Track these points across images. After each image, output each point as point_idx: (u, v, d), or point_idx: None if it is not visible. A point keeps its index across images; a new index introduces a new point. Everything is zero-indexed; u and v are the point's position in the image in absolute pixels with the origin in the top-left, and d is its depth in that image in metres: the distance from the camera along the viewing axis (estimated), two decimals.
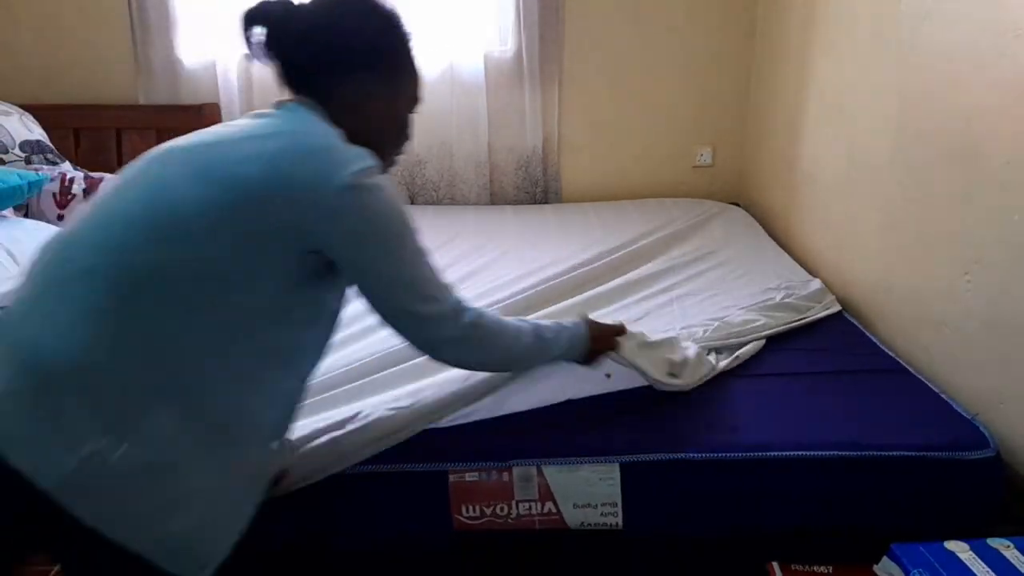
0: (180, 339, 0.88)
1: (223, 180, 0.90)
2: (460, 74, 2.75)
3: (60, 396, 0.84)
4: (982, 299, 1.46)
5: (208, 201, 0.89)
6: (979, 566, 1.03)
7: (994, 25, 1.42)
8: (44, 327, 0.87)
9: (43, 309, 0.88)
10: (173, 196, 0.90)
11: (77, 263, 0.89)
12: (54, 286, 0.89)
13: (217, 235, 0.89)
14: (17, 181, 2.13)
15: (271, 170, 0.91)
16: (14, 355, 0.86)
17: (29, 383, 0.84)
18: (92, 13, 2.72)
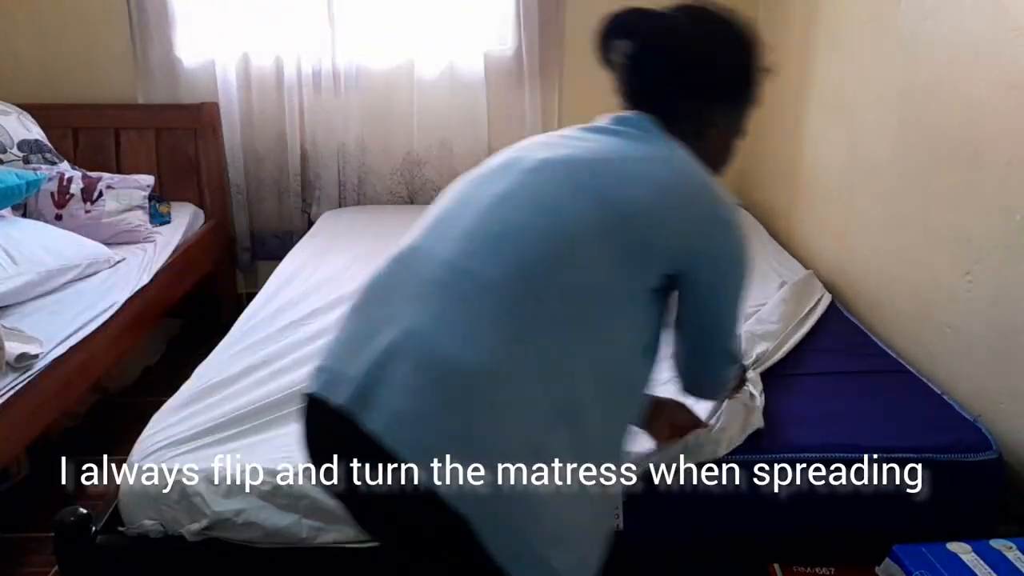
0: (573, 360, 0.86)
1: (615, 201, 0.90)
2: (460, 73, 2.75)
3: (473, 412, 0.81)
4: (983, 299, 1.46)
5: (600, 221, 0.89)
6: (981, 567, 1.03)
7: (995, 25, 1.42)
8: (453, 338, 0.84)
9: (444, 318, 0.85)
10: (565, 214, 0.90)
11: (472, 275, 0.87)
12: (456, 299, 0.86)
13: (604, 255, 0.88)
14: (15, 181, 2.12)
15: (662, 196, 0.92)
16: (424, 364, 0.83)
17: (443, 394, 0.81)
18: (91, 12, 2.71)
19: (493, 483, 0.78)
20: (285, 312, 1.87)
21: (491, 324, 0.84)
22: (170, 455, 1.29)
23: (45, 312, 1.91)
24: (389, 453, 0.79)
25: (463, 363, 0.82)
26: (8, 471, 1.95)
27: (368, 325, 0.90)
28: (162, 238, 2.47)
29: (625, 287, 0.90)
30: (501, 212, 0.92)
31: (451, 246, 0.91)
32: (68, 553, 1.23)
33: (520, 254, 0.87)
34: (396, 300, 0.90)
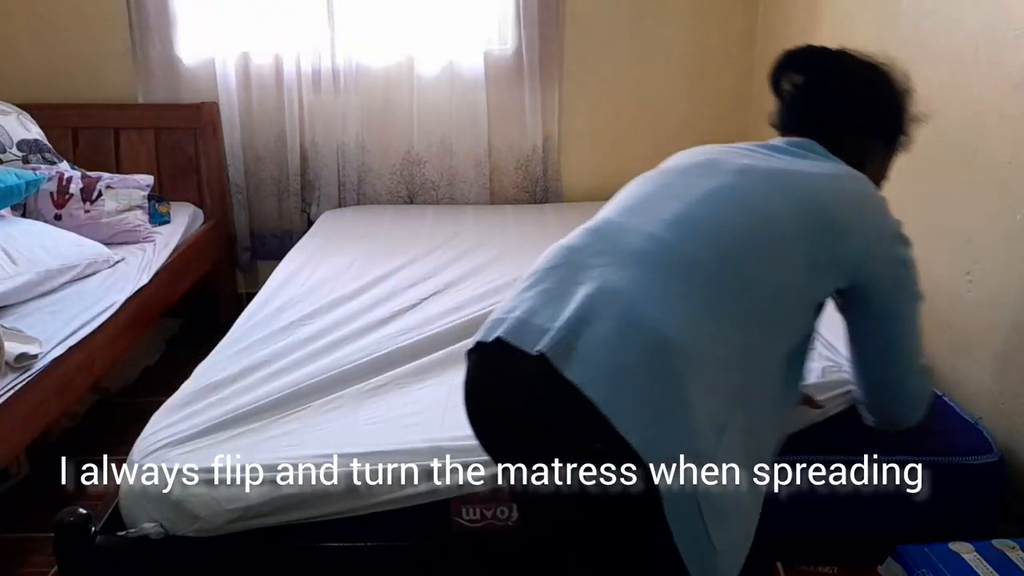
0: (753, 349, 0.92)
1: (812, 209, 0.97)
2: (460, 72, 2.75)
3: (674, 383, 0.85)
4: (983, 299, 1.46)
5: (798, 225, 0.95)
6: (983, 567, 1.03)
7: (995, 25, 1.42)
8: (655, 305, 0.88)
9: (647, 285, 0.90)
10: (770, 215, 0.96)
11: (679, 251, 0.93)
12: (660, 269, 0.92)
13: (798, 257, 0.95)
14: (15, 180, 2.12)
15: (852, 209, 0.99)
16: (628, 324, 0.87)
17: (646, 359, 0.85)
18: (90, 12, 2.71)
19: (686, 455, 0.82)
20: (285, 312, 1.87)
21: (692, 299, 0.90)
22: (170, 454, 1.28)
23: (45, 312, 1.90)
24: (585, 403, 0.82)
25: (667, 332, 0.86)
26: (8, 471, 1.95)
27: (563, 282, 0.94)
28: (162, 238, 2.47)
29: (807, 291, 0.97)
30: (711, 205, 0.97)
31: (658, 225, 0.96)
32: (68, 553, 1.23)
33: (726, 243, 0.94)
34: (594, 263, 0.95)
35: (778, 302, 0.94)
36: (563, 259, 0.99)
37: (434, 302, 1.93)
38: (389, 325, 1.78)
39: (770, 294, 0.93)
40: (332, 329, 1.75)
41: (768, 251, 0.94)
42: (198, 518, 1.22)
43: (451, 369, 1.53)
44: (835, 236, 0.96)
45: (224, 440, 1.33)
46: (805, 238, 0.95)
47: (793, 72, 1.12)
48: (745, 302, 0.92)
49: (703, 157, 1.07)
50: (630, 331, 0.86)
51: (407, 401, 1.45)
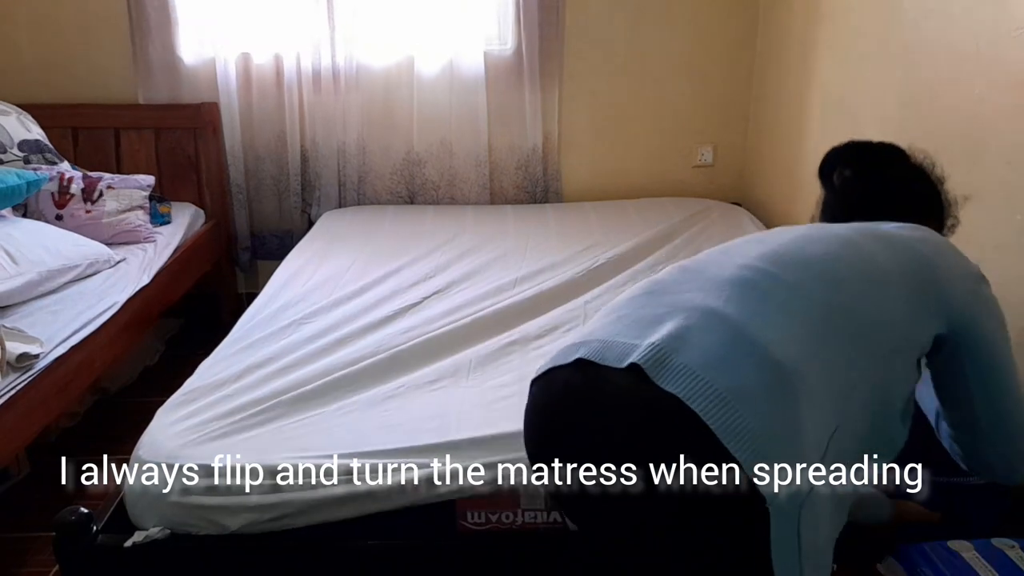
0: (855, 382, 0.90)
1: (906, 249, 1.01)
2: (460, 72, 2.75)
3: (796, 406, 0.83)
4: None
5: (895, 261, 0.99)
6: (983, 566, 1.03)
7: (995, 24, 1.42)
8: (760, 322, 0.88)
9: (746, 305, 0.90)
10: (867, 252, 0.99)
11: (778, 277, 0.94)
12: (760, 291, 0.92)
13: (902, 293, 0.96)
14: (16, 181, 2.12)
15: (937, 251, 1.04)
16: (733, 337, 0.86)
17: (769, 382, 0.83)
18: (91, 12, 2.71)
19: (795, 477, 0.80)
20: (287, 311, 1.87)
21: (799, 322, 0.89)
22: (175, 453, 1.28)
23: (45, 312, 1.91)
24: (680, 415, 0.80)
25: (780, 354, 0.84)
26: (8, 471, 1.95)
27: (648, 307, 0.94)
28: (162, 238, 2.47)
29: (910, 335, 0.96)
30: (806, 242, 1.00)
31: (751, 258, 0.96)
32: (68, 553, 1.23)
33: (828, 270, 0.95)
34: (683, 290, 0.94)
35: (882, 338, 0.93)
36: (646, 291, 0.98)
37: (435, 302, 1.93)
38: (390, 325, 1.79)
39: (874, 326, 0.92)
40: (334, 329, 1.75)
41: (871, 284, 0.95)
42: (204, 519, 1.23)
43: (461, 371, 1.55)
44: (933, 279, 0.99)
45: (228, 439, 1.33)
46: (905, 282, 0.97)
47: (841, 166, 1.20)
48: (852, 328, 0.91)
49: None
50: (740, 349, 0.84)
51: (422, 404, 1.45)
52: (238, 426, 1.38)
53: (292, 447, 1.31)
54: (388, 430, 1.35)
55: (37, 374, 1.69)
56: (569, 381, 0.92)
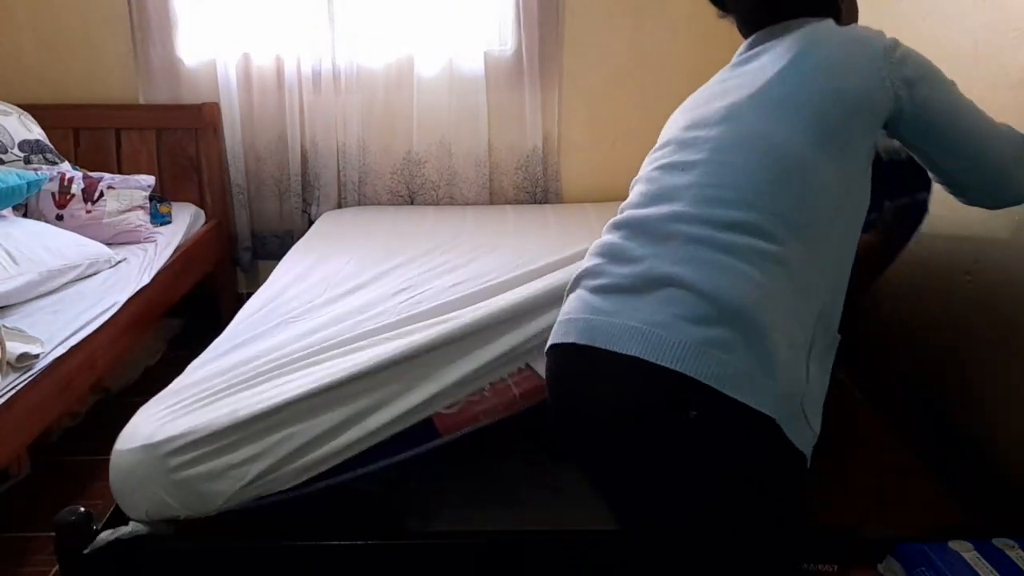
0: (820, 260, 0.98)
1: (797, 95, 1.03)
2: (460, 72, 2.75)
3: (766, 335, 0.90)
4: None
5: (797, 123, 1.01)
6: (983, 566, 1.03)
7: (995, 25, 1.42)
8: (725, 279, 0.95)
9: (701, 260, 0.98)
10: (773, 143, 1.01)
11: (714, 220, 1.00)
12: (699, 243, 0.99)
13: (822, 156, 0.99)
14: (16, 181, 2.12)
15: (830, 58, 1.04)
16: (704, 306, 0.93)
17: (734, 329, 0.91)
18: (92, 13, 2.71)
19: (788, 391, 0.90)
20: (284, 310, 1.87)
21: (745, 260, 0.95)
22: (151, 434, 1.28)
23: (46, 312, 1.91)
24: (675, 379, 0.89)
25: (737, 301, 0.93)
26: (9, 471, 1.95)
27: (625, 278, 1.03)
28: (163, 238, 2.47)
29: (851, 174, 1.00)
30: (720, 168, 1.03)
31: (680, 204, 1.03)
32: (68, 553, 1.23)
33: (756, 196, 0.98)
34: (645, 259, 1.02)
35: (829, 211, 0.98)
36: (608, 256, 1.06)
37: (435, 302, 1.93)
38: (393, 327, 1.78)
39: (820, 214, 0.97)
40: (334, 329, 1.75)
41: (798, 182, 0.97)
42: (190, 493, 1.22)
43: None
44: (838, 91, 0.98)
45: (207, 407, 1.33)
46: (818, 133, 0.97)
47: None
48: (791, 237, 0.95)
49: (688, 118, 1.15)
50: (702, 308, 0.91)
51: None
52: (219, 395, 1.37)
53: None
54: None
55: (37, 374, 1.69)
56: (575, 363, 1.01)
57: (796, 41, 1.05)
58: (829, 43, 1.03)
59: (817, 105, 0.98)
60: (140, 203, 2.46)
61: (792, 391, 0.90)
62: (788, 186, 0.96)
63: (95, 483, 1.94)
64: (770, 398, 0.88)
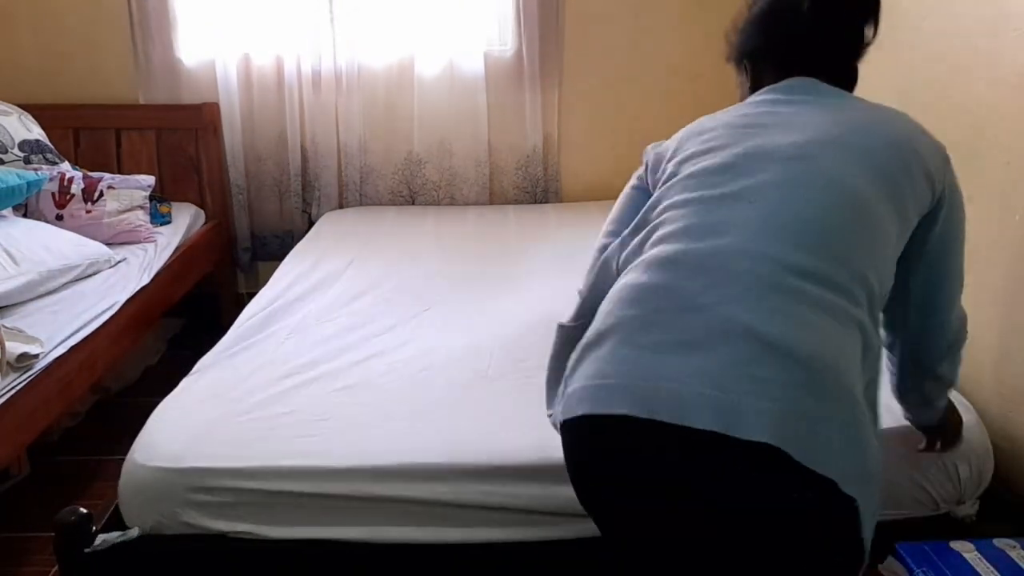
0: (872, 331, 0.90)
1: (879, 152, 0.97)
2: (460, 73, 2.75)
3: (852, 398, 0.83)
4: (983, 299, 1.45)
5: (875, 181, 0.94)
6: (984, 566, 1.03)
7: (995, 25, 1.42)
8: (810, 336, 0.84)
9: (780, 312, 0.86)
10: (851, 186, 0.93)
11: (793, 267, 0.89)
12: (779, 292, 0.87)
13: (889, 218, 0.94)
14: (16, 181, 2.12)
15: (908, 133, 1.01)
16: (791, 367, 0.82)
17: (824, 395, 0.81)
18: (92, 13, 2.71)
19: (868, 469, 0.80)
20: (286, 313, 1.87)
21: (824, 317, 0.86)
22: (176, 455, 1.28)
23: (46, 312, 1.90)
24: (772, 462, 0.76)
25: (824, 361, 0.83)
26: (8, 471, 1.95)
27: (682, 333, 0.88)
28: (163, 238, 2.47)
29: (900, 243, 0.95)
30: (795, 202, 0.91)
31: (752, 239, 0.89)
32: (68, 553, 1.23)
33: (832, 243, 0.89)
34: (714, 303, 0.88)
35: (885, 278, 0.91)
36: (664, 295, 0.88)
37: (435, 301, 1.93)
38: (393, 328, 1.78)
39: (882, 274, 0.90)
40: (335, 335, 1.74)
41: (867, 235, 0.89)
42: (200, 520, 1.23)
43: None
44: (914, 177, 0.93)
45: (231, 441, 1.33)
46: (893, 202, 0.91)
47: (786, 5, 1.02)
48: (867, 297, 0.87)
49: (739, 147, 0.96)
50: (788, 369, 0.79)
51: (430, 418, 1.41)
52: (245, 416, 1.38)
53: (295, 452, 1.30)
54: (398, 439, 1.33)
55: (37, 374, 1.69)
56: (617, 446, 0.84)
57: (858, 103, 1.01)
58: (897, 120, 0.99)
59: (888, 166, 0.93)
60: (140, 203, 2.46)
61: (876, 472, 0.81)
62: (863, 234, 0.89)
63: (95, 483, 1.93)
64: (855, 480, 0.77)
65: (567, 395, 0.90)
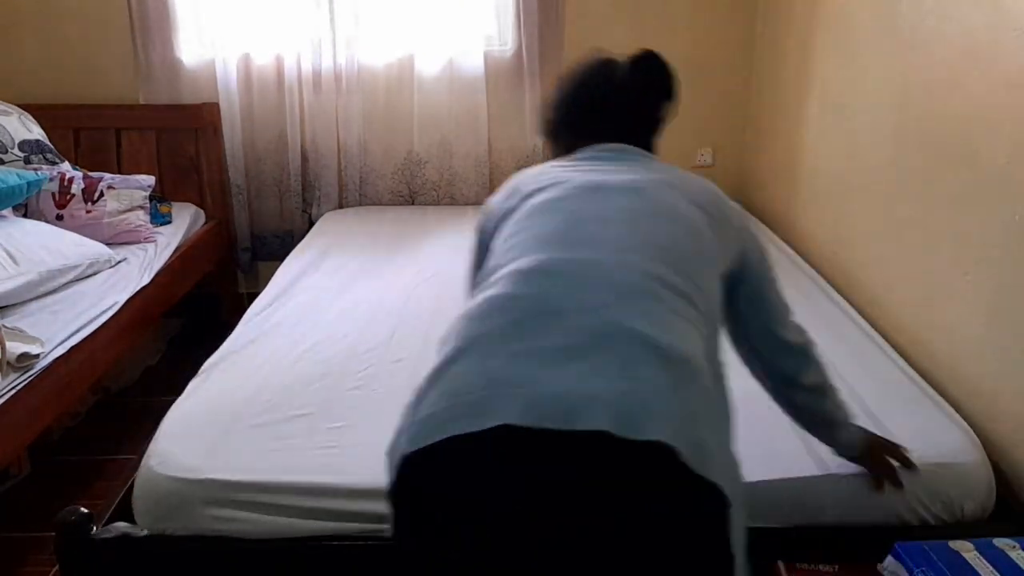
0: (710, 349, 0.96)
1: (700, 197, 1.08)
2: (460, 72, 2.75)
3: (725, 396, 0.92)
4: (983, 298, 1.46)
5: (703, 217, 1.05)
6: (983, 566, 1.03)
7: (994, 24, 1.42)
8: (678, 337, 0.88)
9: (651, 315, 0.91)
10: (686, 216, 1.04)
11: (647, 274, 0.94)
12: (639, 295, 0.94)
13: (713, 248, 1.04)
14: (16, 181, 2.12)
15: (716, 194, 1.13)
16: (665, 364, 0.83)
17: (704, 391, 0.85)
18: (92, 13, 2.71)
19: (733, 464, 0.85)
20: (288, 315, 1.87)
21: (678, 318, 0.92)
22: (193, 467, 1.27)
23: (46, 312, 1.91)
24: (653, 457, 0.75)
25: (685, 355, 0.87)
26: (9, 471, 1.95)
27: (552, 336, 0.88)
28: (163, 238, 2.47)
29: (720, 280, 1.04)
30: (642, 223, 0.99)
31: (613, 251, 0.94)
32: (68, 553, 1.23)
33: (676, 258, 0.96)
34: (571, 307, 0.91)
35: (713, 298, 0.98)
36: (527, 310, 0.86)
37: (436, 302, 1.93)
38: (396, 327, 1.78)
39: (711, 292, 0.97)
40: (336, 331, 1.75)
41: (700, 256, 0.98)
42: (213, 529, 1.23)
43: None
44: (726, 221, 1.05)
45: (240, 442, 1.33)
46: (714, 233, 1.01)
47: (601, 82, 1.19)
48: (704, 310, 0.92)
49: (578, 180, 1.05)
50: (670, 369, 0.80)
51: None
52: (259, 428, 1.37)
53: (316, 466, 1.29)
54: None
55: (37, 374, 1.69)
56: (501, 462, 0.76)
57: (666, 165, 1.12)
58: (699, 181, 1.10)
59: (707, 204, 1.05)
60: (140, 203, 2.46)
61: (737, 475, 0.83)
62: (696, 251, 0.98)
63: (95, 483, 1.93)
64: (728, 481, 0.77)
65: (418, 421, 0.80)
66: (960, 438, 1.33)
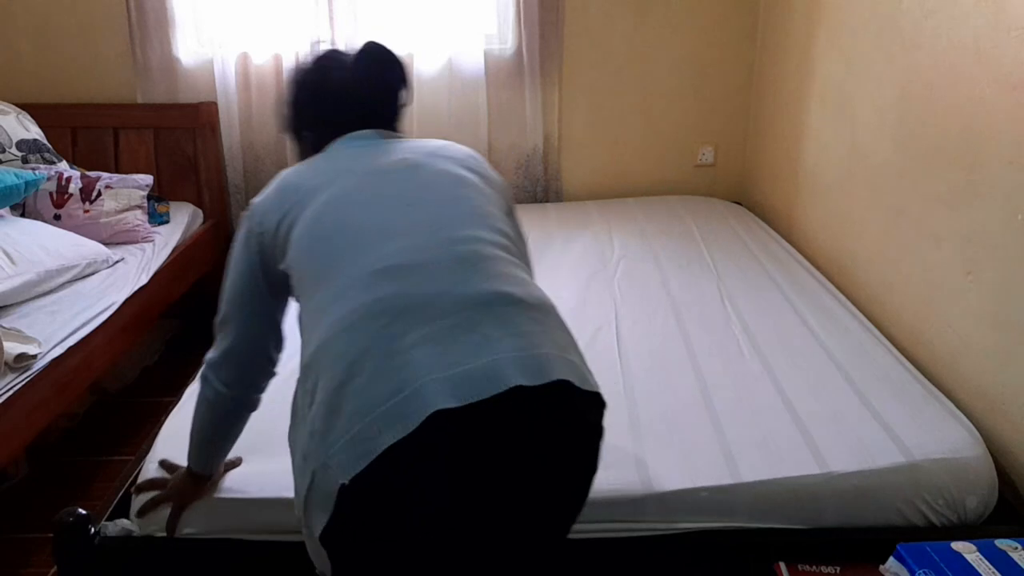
0: None
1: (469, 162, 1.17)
2: (460, 71, 2.74)
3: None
4: (983, 298, 1.46)
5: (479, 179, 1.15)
6: (985, 567, 1.03)
7: (995, 25, 1.42)
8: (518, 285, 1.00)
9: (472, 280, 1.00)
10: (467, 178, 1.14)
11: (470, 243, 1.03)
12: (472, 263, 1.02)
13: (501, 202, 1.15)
14: (14, 180, 2.12)
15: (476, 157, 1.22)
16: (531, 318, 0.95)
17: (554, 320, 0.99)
18: (90, 12, 2.71)
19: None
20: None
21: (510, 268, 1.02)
22: (223, 493, 1.26)
23: (44, 312, 1.90)
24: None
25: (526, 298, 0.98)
26: (7, 472, 1.94)
27: (456, 319, 0.97)
28: (161, 238, 2.47)
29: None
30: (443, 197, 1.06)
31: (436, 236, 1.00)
32: (68, 553, 1.22)
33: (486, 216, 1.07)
34: (430, 290, 0.98)
35: (520, 241, 1.11)
36: (402, 306, 0.88)
37: None
38: None
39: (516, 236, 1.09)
40: None
41: (494, 209, 1.07)
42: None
43: None
44: (492, 179, 1.14)
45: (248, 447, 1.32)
46: (491, 188, 1.11)
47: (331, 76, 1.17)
48: (518, 253, 1.05)
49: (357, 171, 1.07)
50: (538, 319, 0.93)
51: None
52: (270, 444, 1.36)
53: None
54: None
55: (35, 374, 1.68)
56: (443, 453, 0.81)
57: (418, 140, 1.17)
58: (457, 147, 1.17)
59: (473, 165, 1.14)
60: (138, 203, 2.45)
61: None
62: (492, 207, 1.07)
63: (94, 483, 1.93)
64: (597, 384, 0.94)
65: (340, 448, 0.80)
66: (962, 434, 1.33)
